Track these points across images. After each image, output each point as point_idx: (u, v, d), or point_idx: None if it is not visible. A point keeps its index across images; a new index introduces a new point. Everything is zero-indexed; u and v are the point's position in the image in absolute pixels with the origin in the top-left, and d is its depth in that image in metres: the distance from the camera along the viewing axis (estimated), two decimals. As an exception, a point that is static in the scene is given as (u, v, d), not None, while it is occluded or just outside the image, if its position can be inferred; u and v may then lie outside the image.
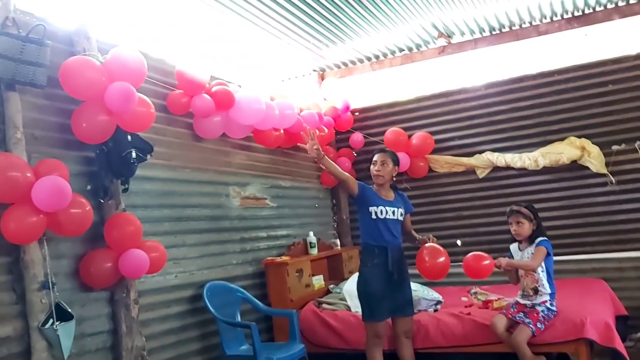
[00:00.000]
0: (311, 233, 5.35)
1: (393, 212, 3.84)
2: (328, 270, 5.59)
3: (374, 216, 3.82)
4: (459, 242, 5.60)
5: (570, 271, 5.20)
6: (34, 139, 3.02)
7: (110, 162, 3.28)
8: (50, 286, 2.86)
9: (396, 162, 3.99)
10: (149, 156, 3.46)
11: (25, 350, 2.80)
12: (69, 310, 2.91)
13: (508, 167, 5.53)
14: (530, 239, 3.90)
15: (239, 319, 4.17)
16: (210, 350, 4.05)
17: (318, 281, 5.14)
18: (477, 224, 5.72)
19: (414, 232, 4.10)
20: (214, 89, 4.17)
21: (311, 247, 5.28)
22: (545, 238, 3.87)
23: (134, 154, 3.28)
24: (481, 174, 5.69)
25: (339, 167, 3.90)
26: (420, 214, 5.80)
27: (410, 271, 3.96)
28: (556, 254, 5.06)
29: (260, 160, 5.08)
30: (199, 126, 4.24)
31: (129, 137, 3.32)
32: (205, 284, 4.05)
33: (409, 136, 5.88)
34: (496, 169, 5.63)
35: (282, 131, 4.95)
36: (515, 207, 3.92)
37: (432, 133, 5.87)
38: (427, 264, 3.71)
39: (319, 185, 6.09)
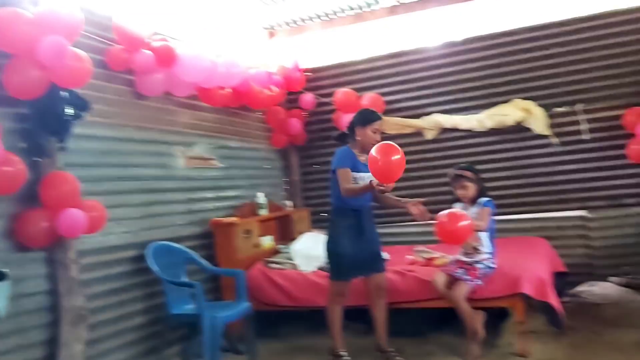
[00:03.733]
0: (260, 194, 5.33)
1: (370, 177, 3.80)
2: (278, 231, 5.61)
3: (352, 180, 3.76)
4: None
5: (512, 230, 5.38)
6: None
7: (44, 120, 3.16)
8: (-19, 246, 2.78)
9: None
10: (85, 113, 3.34)
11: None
12: (3, 270, 2.83)
13: (455, 129, 5.61)
14: (474, 200, 3.98)
15: (185, 278, 4.15)
16: (155, 310, 4.03)
17: (267, 241, 5.16)
18: (424, 184, 5.78)
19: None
20: (155, 45, 4.04)
21: (260, 208, 5.27)
22: (489, 198, 3.96)
23: (69, 111, 3.17)
24: (429, 135, 5.75)
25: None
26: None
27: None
28: (500, 214, 5.22)
29: (207, 120, 5.00)
30: (141, 83, 4.12)
31: (64, 94, 3.19)
32: (148, 244, 4.00)
33: (359, 97, 5.86)
34: (444, 130, 5.70)
35: (228, 90, 4.86)
36: (458, 172, 3.99)
37: (383, 94, 5.87)
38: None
39: (269, 146, 6.05)
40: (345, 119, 5.75)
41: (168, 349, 4.09)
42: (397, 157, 3.19)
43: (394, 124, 5.84)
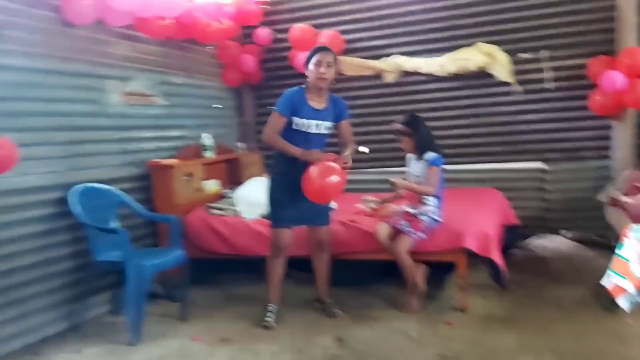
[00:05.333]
0: (206, 135, 5.03)
1: (317, 126, 3.53)
2: (226, 175, 5.36)
3: (294, 126, 3.52)
4: (365, 149, 5.48)
5: (467, 180, 5.24)
6: None
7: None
8: None
9: (337, 62, 3.61)
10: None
11: None
12: None
13: (416, 73, 5.34)
14: (419, 151, 3.79)
15: (116, 223, 3.92)
16: (81, 255, 3.79)
17: (211, 186, 4.92)
18: (382, 130, 5.55)
19: (350, 144, 3.66)
20: (81, -34, 3.65)
21: (205, 150, 4.99)
22: (436, 153, 3.75)
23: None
24: (389, 78, 5.48)
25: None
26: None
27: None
28: (455, 163, 5.09)
29: (148, 53, 4.63)
30: (68, 9, 3.74)
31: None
32: (75, 186, 3.74)
33: (317, 34, 5.52)
34: (404, 74, 5.42)
35: (171, 20, 4.48)
36: (393, 125, 3.79)
37: (342, 32, 5.54)
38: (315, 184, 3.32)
39: (220, 84, 5.71)
40: (301, 57, 5.45)
41: (95, 296, 3.91)
42: (334, 179, 3.24)
43: (353, 64, 5.54)
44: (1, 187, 3.32)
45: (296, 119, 3.52)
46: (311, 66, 3.50)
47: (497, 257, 3.69)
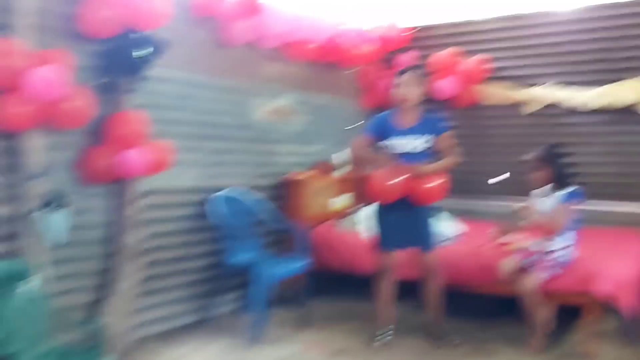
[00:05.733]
0: (340, 153, 5.22)
1: (409, 144, 3.59)
2: (356, 192, 5.49)
3: (389, 149, 3.63)
4: (506, 176, 5.32)
5: (606, 221, 4.86)
6: (46, 28, 3.00)
7: (117, 59, 3.25)
8: (46, 175, 2.94)
9: (423, 82, 3.73)
10: (157, 56, 3.38)
11: (14, 233, 2.92)
12: (63, 199, 2.99)
13: (559, 106, 5.14)
14: (555, 184, 3.62)
15: (249, 229, 4.19)
16: (215, 255, 4.11)
17: (341, 202, 5.07)
18: (516, 162, 5.37)
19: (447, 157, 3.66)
20: (240, -8, 4.01)
21: (339, 166, 5.18)
22: (574, 187, 3.58)
23: (139, 52, 3.23)
24: (529, 109, 5.31)
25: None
26: (464, 145, 5.57)
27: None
28: (593, 201, 4.77)
29: (292, 73, 4.93)
30: (225, 31, 4.12)
31: (138, 35, 3.25)
32: (218, 191, 4.07)
33: (461, 61, 5.50)
34: (547, 106, 5.23)
35: (316, 44, 4.74)
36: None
37: (489, 59, 5.48)
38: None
39: (358, 106, 5.88)
40: (440, 85, 5.48)
41: (224, 295, 4.19)
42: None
43: (493, 94, 5.46)
44: (159, 186, 3.71)
45: (386, 142, 3.62)
46: (394, 88, 3.65)
47: (628, 307, 3.41)
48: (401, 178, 3.44)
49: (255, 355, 3.54)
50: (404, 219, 3.58)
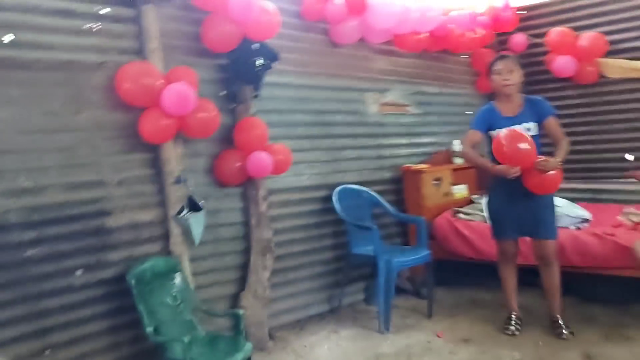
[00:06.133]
0: (456, 142, 5.19)
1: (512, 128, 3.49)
2: (475, 181, 5.44)
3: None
4: (630, 157, 5.10)
5: None
6: (171, 48, 3.32)
7: (238, 70, 3.51)
8: (184, 181, 3.26)
9: (520, 66, 3.62)
10: (274, 64, 3.61)
11: (164, 234, 3.27)
12: (199, 202, 3.31)
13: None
14: None
15: (370, 221, 4.32)
16: (340, 248, 4.29)
17: (459, 191, 5.05)
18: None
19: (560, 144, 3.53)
20: (345, -7, 4.13)
21: (455, 156, 5.15)
22: None
23: (258, 62, 3.47)
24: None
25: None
26: (586, 124, 5.35)
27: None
28: None
29: (403, 65, 4.99)
30: (334, 32, 4.28)
31: (255, 46, 3.49)
32: (337, 186, 4.24)
33: (578, 37, 5.25)
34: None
35: (425, 34, 4.76)
36: None
37: (606, 33, 5.18)
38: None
39: (472, 92, 5.81)
40: (559, 62, 5.27)
41: (349, 286, 4.36)
42: (524, 145, 3.27)
43: (617, 67, 5.16)
44: (281, 185, 3.95)
45: (493, 132, 3.55)
46: (494, 76, 3.57)
47: None
48: (528, 146, 3.31)
49: (383, 343, 3.66)
50: (520, 208, 3.52)
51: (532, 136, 3.45)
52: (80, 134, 2.98)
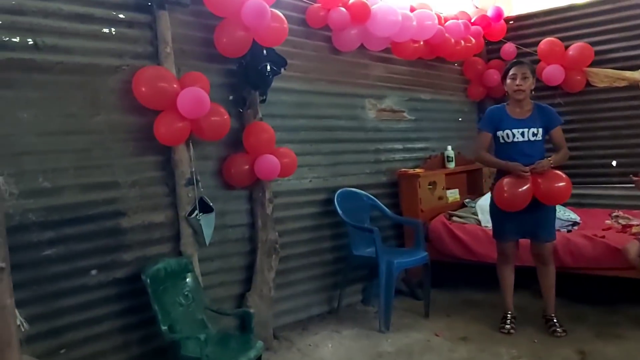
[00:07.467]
0: (449, 147, 5.34)
1: (522, 134, 3.64)
2: (467, 185, 5.61)
3: (501, 140, 3.72)
4: (614, 163, 5.31)
5: None
6: (182, 53, 3.40)
7: (247, 75, 3.60)
8: (195, 182, 3.33)
9: (534, 73, 3.78)
10: (282, 69, 3.71)
11: (175, 235, 3.34)
12: (211, 203, 3.38)
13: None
14: None
15: (368, 224, 4.44)
16: (340, 249, 4.40)
17: (452, 194, 5.21)
18: (636, 144, 5.27)
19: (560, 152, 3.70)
20: (350, 2, 4.24)
21: (448, 160, 5.30)
22: None
23: (268, 67, 3.56)
24: (644, 90, 5.17)
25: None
26: (573, 131, 5.52)
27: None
28: None
29: (400, 73, 5.12)
30: (337, 39, 4.38)
31: (265, 52, 3.58)
32: (337, 190, 4.35)
33: (566, 47, 5.45)
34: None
35: (421, 42, 4.89)
36: None
37: (593, 44, 5.38)
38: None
39: (464, 99, 5.98)
40: (548, 71, 5.45)
41: (350, 286, 4.46)
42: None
43: (604, 76, 5.36)
44: (285, 188, 4.05)
45: (499, 132, 3.70)
46: (508, 80, 3.71)
47: None
48: (527, 186, 3.50)
49: (384, 342, 3.77)
50: (524, 210, 3.60)
51: (537, 141, 3.63)
52: (96, 136, 3.03)
